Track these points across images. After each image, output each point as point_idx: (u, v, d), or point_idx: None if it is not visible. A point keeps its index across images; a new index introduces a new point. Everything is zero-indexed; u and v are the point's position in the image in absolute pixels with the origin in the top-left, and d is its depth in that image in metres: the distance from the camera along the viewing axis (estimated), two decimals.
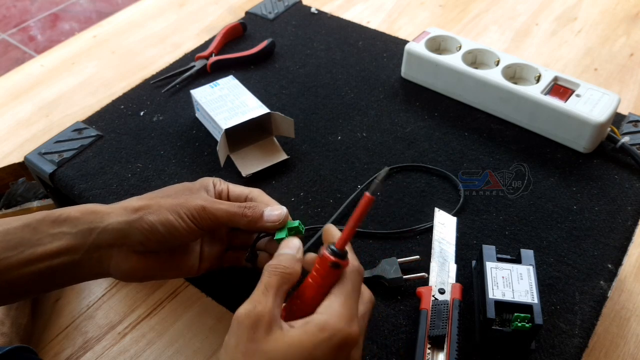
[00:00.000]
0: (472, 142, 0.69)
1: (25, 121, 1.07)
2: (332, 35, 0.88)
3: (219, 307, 0.57)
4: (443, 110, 0.74)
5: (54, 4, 1.52)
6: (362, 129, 0.72)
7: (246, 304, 0.36)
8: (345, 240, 0.38)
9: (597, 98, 0.66)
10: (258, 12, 0.95)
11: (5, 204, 0.83)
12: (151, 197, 0.46)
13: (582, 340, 0.49)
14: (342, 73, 0.81)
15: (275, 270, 0.39)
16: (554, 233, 0.58)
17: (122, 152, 0.70)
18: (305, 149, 0.69)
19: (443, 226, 0.56)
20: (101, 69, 1.19)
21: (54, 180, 0.68)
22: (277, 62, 0.84)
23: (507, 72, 0.72)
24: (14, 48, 1.35)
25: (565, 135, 0.67)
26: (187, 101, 0.76)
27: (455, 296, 0.49)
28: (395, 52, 0.84)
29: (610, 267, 0.55)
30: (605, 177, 0.64)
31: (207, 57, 0.83)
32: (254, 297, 0.37)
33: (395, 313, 0.52)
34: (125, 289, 0.78)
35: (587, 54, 1.16)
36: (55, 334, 0.73)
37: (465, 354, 0.48)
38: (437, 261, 0.53)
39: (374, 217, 0.61)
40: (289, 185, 0.65)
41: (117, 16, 1.37)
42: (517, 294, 0.47)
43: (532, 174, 0.65)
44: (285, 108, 0.75)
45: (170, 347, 0.71)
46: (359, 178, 0.65)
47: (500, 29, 1.25)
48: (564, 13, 1.29)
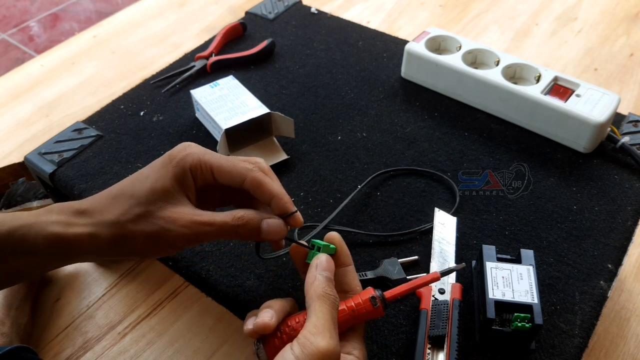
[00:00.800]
0: (472, 142, 0.69)
1: (25, 121, 1.07)
2: (332, 35, 0.88)
3: (219, 307, 0.57)
4: (443, 110, 0.74)
5: (54, 4, 1.52)
6: (362, 129, 0.72)
7: (327, 339, 0.36)
8: (397, 296, 0.42)
9: (597, 98, 0.66)
10: (258, 12, 0.95)
11: (5, 204, 0.83)
12: (121, 218, 0.40)
13: (582, 340, 0.49)
14: (342, 73, 0.81)
15: (336, 303, 0.39)
16: (554, 233, 0.58)
17: (122, 152, 0.70)
18: (305, 149, 0.69)
19: (443, 226, 0.56)
20: (101, 69, 1.19)
21: (54, 180, 0.68)
22: (277, 62, 0.84)
23: (507, 72, 0.72)
24: (14, 48, 1.35)
25: (565, 135, 0.67)
26: (187, 101, 0.76)
27: (455, 296, 0.49)
28: (395, 52, 0.84)
29: (610, 267, 0.55)
30: (605, 177, 0.64)
31: (207, 57, 0.83)
32: (330, 332, 0.37)
33: (395, 313, 0.52)
34: (125, 288, 0.78)
35: (587, 54, 1.16)
36: (55, 334, 0.73)
37: (465, 354, 0.48)
38: (437, 261, 0.53)
39: (373, 217, 0.61)
40: (289, 185, 0.65)
41: (117, 16, 1.37)
42: (517, 294, 0.47)
43: (532, 174, 0.65)
44: (285, 108, 0.75)
45: (170, 347, 0.71)
46: (359, 178, 0.65)
47: (500, 29, 1.25)
48: (564, 13, 1.29)
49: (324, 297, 0.39)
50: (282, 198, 0.42)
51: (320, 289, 0.39)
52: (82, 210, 0.40)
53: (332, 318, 0.38)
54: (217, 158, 0.42)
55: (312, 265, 0.42)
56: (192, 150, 0.42)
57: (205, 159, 0.42)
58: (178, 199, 0.41)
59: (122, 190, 0.41)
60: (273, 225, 0.42)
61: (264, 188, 0.42)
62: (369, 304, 0.41)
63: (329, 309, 0.38)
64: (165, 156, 0.42)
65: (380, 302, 0.41)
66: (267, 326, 0.40)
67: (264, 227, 0.42)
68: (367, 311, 0.41)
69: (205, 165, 0.41)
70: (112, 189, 0.42)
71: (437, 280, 0.42)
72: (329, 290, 0.39)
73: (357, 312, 0.41)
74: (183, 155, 0.41)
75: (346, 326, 0.41)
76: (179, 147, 0.42)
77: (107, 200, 0.41)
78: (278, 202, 0.42)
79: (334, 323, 0.38)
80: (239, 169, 0.42)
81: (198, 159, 0.41)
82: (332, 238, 0.44)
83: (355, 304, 0.41)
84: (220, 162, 0.42)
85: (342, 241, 0.44)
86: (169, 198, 0.40)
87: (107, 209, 0.40)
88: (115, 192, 0.41)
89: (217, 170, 0.42)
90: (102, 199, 0.41)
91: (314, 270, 0.41)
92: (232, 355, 0.70)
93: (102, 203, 0.41)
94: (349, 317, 0.41)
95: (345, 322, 0.41)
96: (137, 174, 0.43)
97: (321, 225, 0.57)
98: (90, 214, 0.40)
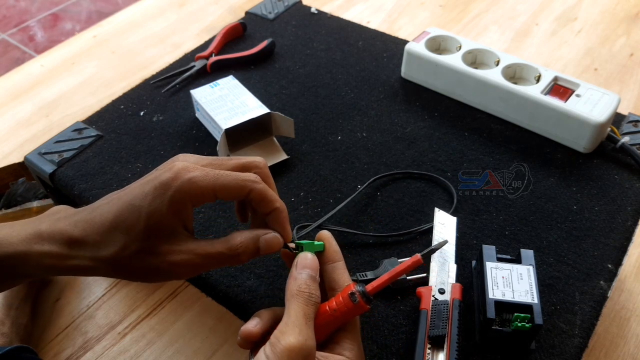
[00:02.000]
0: (472, 142, 0.69)
1: (25, 121, 1.07)
2: (332, 35, 0.88)
3: (219, 307, 0.57)
4: (443, 110, 0.74)
5: (54, 4, 1.52)
6: (362, 129, 0.72)
7: (295, 335, 0.36)
8: (379, 288, 0.41)
9: (597, 98, 0.66)
10: (258, 12, 0.95)
11: (5, 204, 0.83)
12: (118, 255, 0.38)
13: (582, 340, 0.49)
14: (342, 73, 0.81)
15: (310, 300, 0.39)
16: (554, 233, 0.58)
17: (122, 152, 0.70)
18: (305, 149, 0.69)
19: (443, 226, 0.56)
20: (101, 69, 1.19)
21: (54, 180, 0.68)
22: (277, 62, 0.84)
23: (507, 72, 0.72)
24: (14, 48, 1.35)
25: (565, 135, 0.67)
26: (187, 101, 0.76)
27: (455, 296, 0.49)
28: (395, 52, 0.84)
29: (610, 267, 0.55)
30: (605, 177, 0.64)
31: (207, 57, 0.83)
32: (300, 327, 0.37)
33: (395, 313, 0.52)
34: (125, 288, 0.78)
35: (587, 54, 1.16)
36: (55, 334, 0.73)
37: (465, 354, 0.48)
38: (437, 261, 0.53)
39: (373, 217, 0.61)
40: (289, 185, 0.65)
41: (117, 16, 1.37)
42: (517, 294, 0.47)
43: (532, 174, 0.65)
44: (285, 108, 0.75)
45: (170, 347, 0.71)
46: (359, 178, 0.65)
47: (500, 29, 1.25)
48: (564, 13, 1.29)
49: (296, 295, 0.39)
50: (282, 212, 0.42)
51: (295, 287, 0.39)
52: (75, 240, 0.38)
53: (304, 314, 0.38)
54: (217, 178, 0.38)
55: (293, 264, 0.42)
56: (187, 177, 0.38)
57: (206, 184, 0.38)
58: (175, 234, 0.39)
59: (114, 224, 0.38)
60: (270, 241, 0.41)
61: (267, 201, 0.41)
62: (348, 300, 0.40)
63: (301, 306, 0.38)
64: (156, 183, 0.38)
65: (360, 297, 0.39)
66: (251, 334, 0.40)
67: (261, 245, 0.41)
68: (349, 308, 0.40)
69: (208, 190, 0.38)
70: (103, 217, 0.38)
71: (419, 263, 0.41)
72: (304, 287, 0.39)
73: (338, 312, 0.40)
74: (178, 185, 0.37)
75: (332, 327, 0.40)
76: (171, 173, 0.38)
77: (101, 232, 0.38)
78: (278, 216, 0.41)
79: (305, 319, 0.37)
80: (242, 184, 0.39)
81: (199, 188, 0.38)
82: (320, 235, 0.44)
83: (336, 303, 0.40)
84: (222, 183, 0.39)
85: (331, 238, 0.44)
86: (165, 234, 0.38)
87: (103, 244, 0.38)
88: (108, 225, 0.38)
89: (220, 191, 0.39)
90: (94, 229, 0.38)
91: (294, 270, 0.41)
92: (232, 355, 0.70)
93: (96, 235, 0.38)
94: (331, 317, 0.40)
95: (328, 323, 0.40)
96: (127, 202, 0.38)
97: (315, 224, 0.57)
98: (85, 246, 0.38)
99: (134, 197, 0.38)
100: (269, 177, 0.43)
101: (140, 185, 0.39)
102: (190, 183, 0.38)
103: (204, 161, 0.41)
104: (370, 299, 0.40)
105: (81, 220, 0.39)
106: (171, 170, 0.38)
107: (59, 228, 0.39)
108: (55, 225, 0.39)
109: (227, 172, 0.39)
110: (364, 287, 0.40)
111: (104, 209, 0.39)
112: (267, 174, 0.43)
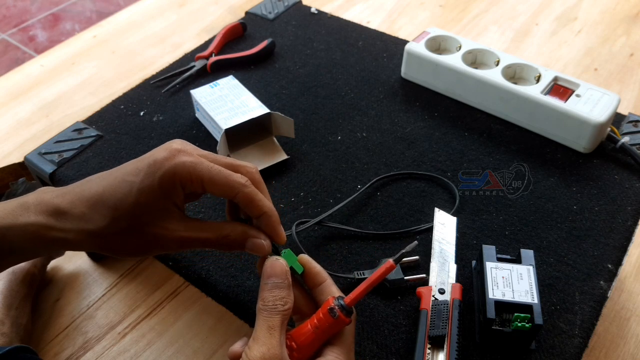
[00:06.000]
0: (472, 142, 0.69)
1: (25, 121, 1.07)
2: (332, 35, 0.88)
3: (219, 307, 0.57)
4: (443, 110, 0.74)
5: (54, 4, 1.52)
6: (362, 129, 0.72)
7: (258, 346, 0.36)
8: (357, 299, 0.40)
9: (597, 98, 0.66)
10: (258, 12, 0.95)
11: None
12: (104, 231, 0.38)
13: (582, 340, 0.49)
14: (342, 73, 0.81)
15: (274, 310, 0.39)
16: (554, 233, 0.58)
17: (122, 152, 0.70)
18: (305, 149, 0.69)
19: (443, 226, 0.56)
20: (101, 69, 1.19)
21: (54, 180, 0.68)
22: (277, 62, 0.84)
23: (507, 72, 0.72)
24: (14, 48, 1.35)
25: (565, 135, 0.67)
26: (187, 101, 0.76)
27: (455, 296, 0.49)
28: (395, 52, 0.84)
29: (610, 267, 0.55)
30: (605, 177, 0.64)
31: (207, 57, 0.83)
32: (262, 339, 0.37)
33: (395, 313, 0.52)
34: (125, 288, 0.78)
35: (587, 54, 1.16)
36: (55, 334, 0.73)
37: (465, 354, 0.48)
38: (437, 261, 0.53)
39: (373, 217, 0.61)
40: (289, 185, 0.65)
41: (117, 16, 1.37)
42: (517, 294, 0.47)
43: (532, 174, 0.65)
44: (285, 108, 0.75)
45: (170, 347, 0.71)
46: (359, 178, 0.65)
47: (500, 29, 1.25)
48: (564, 13, 1.29)
49: (260, 309, 0.39)
50: (272, 216, 0.41)
51: (259, 301, 0.39)
52: (61, 211, 0.38)
53: (267, 327, 0.38)
54: (209, 170, 0.39)
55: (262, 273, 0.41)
56: (181, 160, 0.38)
57: (197, 172, 0.38)
58: (165, 213, 0.39)
59: (103, 197, 0.38)
60: (257, 245, 0.41)
61: (255, 204, 0.40)
62: (329, 316, 0.39)
63: (264, 319, 0.38)
64: (150, 160, 0.38)
65: (339, 311, 0.39)
66: (237, 354, 0.40)
67: (248, 246, 0.41)
68: (330, 324, 0.39)
69: (196, 178, 0.39)
70: (92, 190, 0.38)
71: (392, 269, 0.40)
72: (267, 300, 0.39)
73: (320, 329, 0.39)
74: (171, 165, 0.38)
75: (318, 344, 0.40)
76: (166, 152, 0.38)
77: (89, 204, 0.38)
78: (268, 220, 0.41)
79: (268, 330, 0.37)
80: (231, 184, 0.39)
81: (188, 172, 0.38)
82: (300, 259, 0.43)
83: (317, 320, 0.40)
84: (211, 175, 0.39)
85: (310, 261, 0.43)
86: (155, 213, 0.38)
87: (89, 217, 0.38)
88: (97, 198, 0.38)
89: (208, 183, 0.39)
90: (82, 201, 0.38)
91: (261, 280, 0.41)
92: None
93: (83, 207, 0.38)
94: (314, 335, 0.39)
95: (313, 340, 0.39)
96: (119, 177, 0.39)
97: (314, 221, 0.57)
98: (70, 217, 0.38)
99: (126, 173, 0.38)
100: (261, 183, 0.42)
101: (134, 162, 0.39)
102: (183, 165, 0.38)
103: (201, 152, 0.41)
104: (350, 311, 0.40)
105: (69, 192, 0.39)
106: (167, 150, 0.39)
107: (45, 199, 0.39)
108: (42, 197, 0.39)
109: (220, 168, 0.39)
110: (342, 300, 0.40)
111: (94, 182, 0.39)
112: (259, 179, 0.42)
